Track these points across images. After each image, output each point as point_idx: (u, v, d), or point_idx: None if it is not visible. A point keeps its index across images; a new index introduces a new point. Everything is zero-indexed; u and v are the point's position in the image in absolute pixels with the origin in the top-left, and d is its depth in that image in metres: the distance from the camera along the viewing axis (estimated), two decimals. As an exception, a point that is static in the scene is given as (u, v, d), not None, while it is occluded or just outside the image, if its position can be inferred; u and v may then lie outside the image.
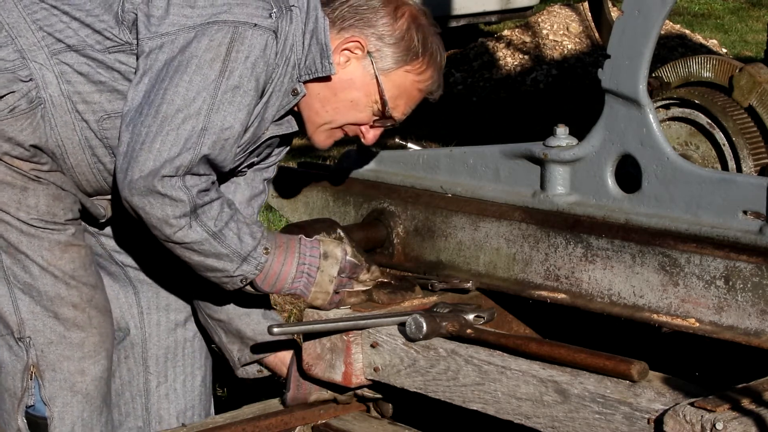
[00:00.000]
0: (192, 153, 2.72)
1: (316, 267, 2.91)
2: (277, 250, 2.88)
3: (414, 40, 2.93)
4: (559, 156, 2.97)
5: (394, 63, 2.93)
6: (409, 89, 2.97)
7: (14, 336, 2.92)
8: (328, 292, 2.92)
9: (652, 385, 2.48)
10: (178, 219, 2.74)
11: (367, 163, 3.42)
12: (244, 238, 2.83)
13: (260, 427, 2.99)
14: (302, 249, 2.91)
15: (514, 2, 12.01)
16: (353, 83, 2.94)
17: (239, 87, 2.75)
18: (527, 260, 3.00)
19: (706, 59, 3.46)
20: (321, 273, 2.91)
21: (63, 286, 2.92)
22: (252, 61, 2.76)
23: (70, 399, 2.97)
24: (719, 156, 3.34)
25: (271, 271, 2.88)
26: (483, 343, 2.73)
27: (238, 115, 2.76)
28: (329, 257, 2.92)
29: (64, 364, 2.95)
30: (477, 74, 10.85)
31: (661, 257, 2.75)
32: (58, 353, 2.94)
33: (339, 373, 2.88)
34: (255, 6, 2.79)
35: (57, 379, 2.95)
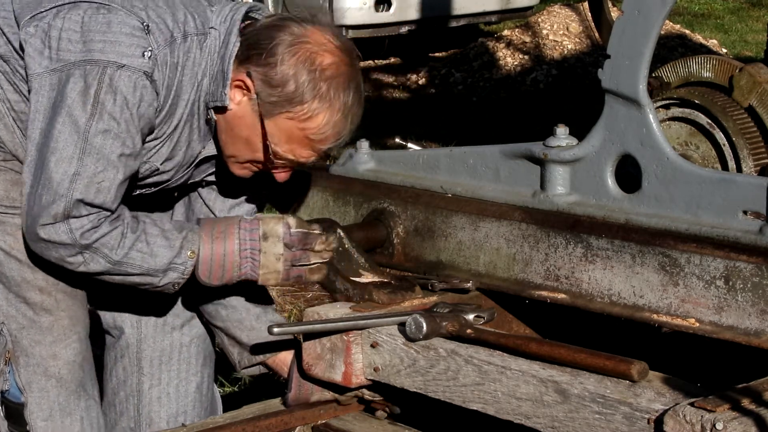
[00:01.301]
0: (65, 200, 2.71)
1: (258, 249, 2.86)
2: (214, 243, 2.85)
3: (298, 83, 2.75)
4: (559, 156, 2.97)
5: (276, 108, 2.78)
6: (296, 136, 2.81)
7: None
8: (278, 270, 2.87)
9: (652, 385, 2.48)
10: (74, 257, 2.77)
11: (367, 163, 3.42)
12: (159, 252, 2.82)
13: (260, 427, 2.98)
14: (242, 234, 2.87)
15: (514, 2, 12.01)
16: (244, 121, 2.84)
17: (109, 131, 2.72)
18: (527, 260, 3.00)
19: (706, 59, 3.46)
20: (264, 254, 2.86)
21: (27, 269, 2.92)
22: (120, 103, 2.71)
23: (45, 383, 2.98)
24: (719, 156, 3.35)
25: (213, 267, 2.86)
26: (483, 343, 2.73)
27: (111, 158, 2.73)
28: (269, 236, 2.86)
29: (36, 348, 2.96)
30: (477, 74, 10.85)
31: (661, 257, 2.75)
32: (30, 338, 2.95)
33: (339, 373, 2.88)
34: (128, 44, 2.73)
35: (31, 364, 2.97)
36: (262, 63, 2.78)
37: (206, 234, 2.87)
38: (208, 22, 2.84)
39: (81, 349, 3.02)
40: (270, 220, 2.89)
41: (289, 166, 2.90)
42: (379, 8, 11.27)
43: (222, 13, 2.86)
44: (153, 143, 2.87)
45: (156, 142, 2.87)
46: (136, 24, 2.74)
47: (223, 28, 2.83)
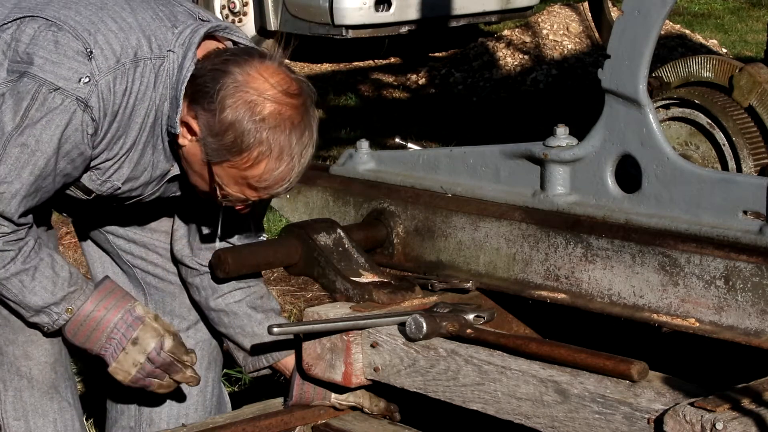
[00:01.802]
0: None
1: (122, 347, 2.91)
2: (95, 311, 2.89)
3: (237, 134, 2.71)
4: (559, 156, 2.97)
5: (218, 155, 2.75)
6: (241, 182, 2.78)
7: None
8: (129, 372, 2.92)
9: (652, 385, 2.48)
10: None
11: (367, 163, 3.42)
12: (39, 293, 2.84)
13: (260, 427, 2.98)
14: (119, 323, 2.91)
15: (514, 2, 12.01)
16: (196, 158, 2.81)
17: (27, 146, 2.72)
18: (527, 260, 3.00)
19: (706, 59, 3.46)
20: (125, 354, 2.91)
21: None
22: (44, 123, 2.71)
23: (18, 383, 3.00)
24: (719, 156, 3.35)
25: (81, 330, 2.90)
26: (483, 343, 2.73)
27: (21, 172, 2.73)
28: (138, 344, 2.91)
29: (9, 348, 2.98)
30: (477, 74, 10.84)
31: (661, 257, 2.75)
32: (4, 337, 2.97)
33: (339, 373, 2.88)
34: (68, 67, 2.72)
35: (5, 362, 2.99)
36: (205, 108, 2.74)
37: (94, 298, 2.90)
38: (166, 45, 2.79)
39: (53, 351, 3.03)
40: (150, 330, 2.92)
41: (241, 203, 2.87)
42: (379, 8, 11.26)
43: (182, 35, 2.81)
44: (108, 164, 2.86)
45: (110, 163, 2.86)
46: (79, 48, 2.72)
47: (180, 51, 2.79)
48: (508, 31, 11.63)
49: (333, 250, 3.13)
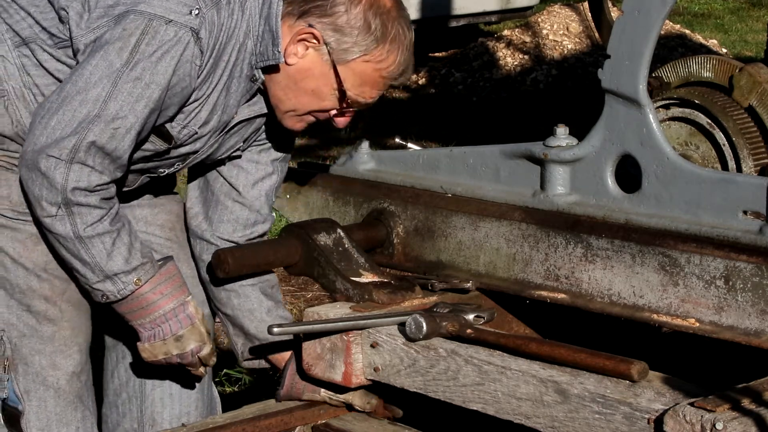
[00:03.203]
0: (77, 137, 2.71)
1: (163, 338, 2.92)
2: (153, 291, 2.89)
3: (371, 28, 2.84)
4: (559, 156, 2.97)
5: (352, 53, 2.85)
6: (371, 77, 2.89)
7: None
8: (155, 356, 2.95)
9: (652, 385, 2.48)
10: (50, 205, 2.75)
11: (367, 163, 3.42)
12: (116, 258, 2.83)
13: (260, 427, 2.98)
14: (169, 313, 2.92)
15: (514, 2, 12.01)
16: (312, 73, 2.89)
17: (140, 79, 2.74)
18: (527, 260, 3.00)
19: (706, 59, 3.46)
20: (162, 343, 2.93)
21: (34, 278, 2.92)
22: (159, 56, 2.74)
23: (43, 393, 2.98)
24: (719, 156, 3.35)
25: (131, 303, 2.89)
26: (483, 343, 2.73)
27: (135, 106, 2.74)
28: (180, 342, 2.94)
29: (35, 357, 2.96)
30: (477, 74, 10.85)
31: (661, 257, 2.75)
32: (30, 347, 2.95)
33: (339, 373, 2.88)
34: (177, 1, 2.77)
35: (30, 372, 2.97)
36: (327, 14, 2.84)
37: (155, 279, 2.90)
38: None
39: (81, 360, 3.03)
40: (196, 333, 2.95)
41: (355, 109, 2.96)
42: (379, 8, 11.24)
43: None
44: (193, 106, 2.88)
45: (195, 105, 2.88)
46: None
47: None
48: (508, 31, 11.63)
49: (333, 250, 3.13)
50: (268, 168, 3.16)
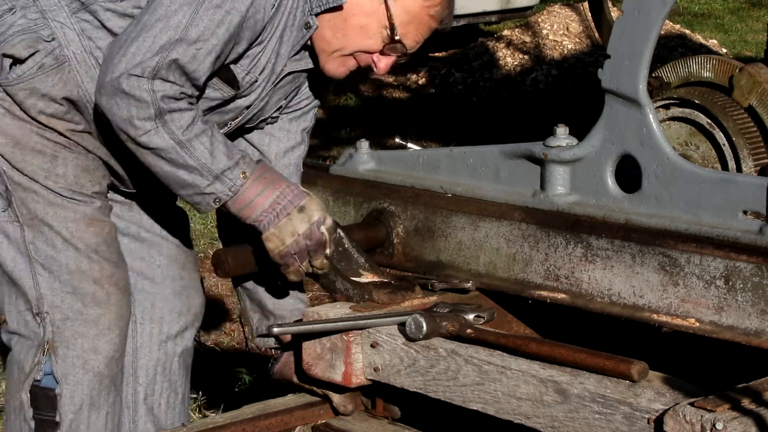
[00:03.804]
0: (160, 56, 2.73)
1: (287, 213, 2.87)
2: (260, 180, 2.87)
3: None
4: (559, 156, 2.97)
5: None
6: (419, 15, 2.93)
7: (32, 311, 2.94)
8: (284, 242, 2.88)
9: (652, 385, 2.48)
10: (143, 121, 2.75)
11: (367, 163, 3.42)
12: (218, 156, 2.82)
13: (260, 427, 2.98)
14: (285, 191, 2.88)
15: (514, 2, 12.01)
16: (363, 9, 2.92)
17: (221, 7, 2.77)
18: (527, 260, 3.00)
19: (706, 59, 3.46)
20: (288, 220, 2.87)
21: (85, 259, 2.93)
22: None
23: (82, 377, 2.98)
24: (719, 156, 3.35)
25: (243, 196, 2.86)
26: (483, 343, 2.73)
27: (217, 30, 2.77)
28: (304, 212, 2.89)
29: (78, 341, 2.96)
30: (477, 74, 10.85)
31: (661, 257, 2.75)
32: (73, 330, 2.96)
33: (339, 373, 2.88)
34: None
35: (69, 356, 2.96)
36: None
37: (260, 168, 2.89)
38: None
39: (120, 345, 3.04)
40: (316, 203, 2.92)
41: (397, 54, 2.98)
42: (379, 8, 11.24)
43: None
44: (256, 50, 2.91)
45: (258, 49, 2.91)
46: None
47: None
48: (508, 31, 11.63)
49: (333, 250, 3.13)
50: (297, 137, 3.20)
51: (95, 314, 2.97)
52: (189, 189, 2.83)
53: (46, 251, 2.92)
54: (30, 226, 2.91)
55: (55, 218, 2.91)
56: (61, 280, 2.93)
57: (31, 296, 2.94)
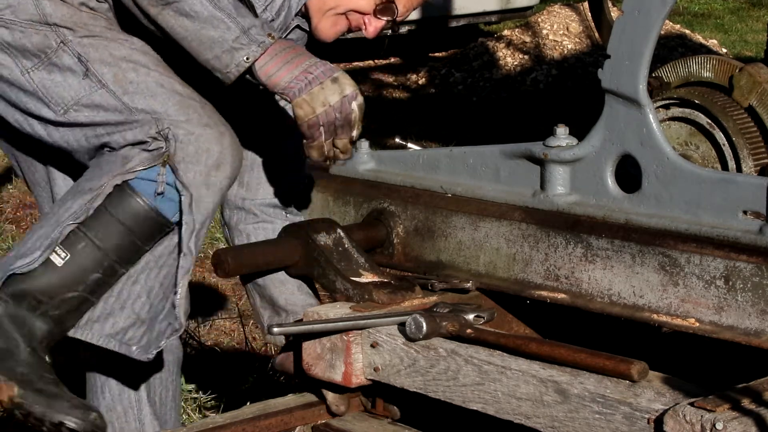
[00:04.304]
0: None
1: (320, 81, 2.80)
2: (288, 49, 2.81)
3: None
4: (559, 156, 2.97)
5: None
6: None
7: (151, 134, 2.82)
8: (314, 110, 2.79)
9: (652, 385, 2.49)
10: None
11: (367, 163, 3.42)
12: (243, 12, 2.77)
13: (260, 427, 2.98)
14: (317, 62, 2.82)
15: (514, 2, 12.00)
16: None
17: None
18: (527, 260, 3.00)
19: (706, 59, 3.46)
20: (321, 89, 2.80)
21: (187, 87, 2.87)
22: None
23: (205, 192, 2.85)
24: (719, 156, 3.35)
25: (272, 62, 2.79)
26: (483, 343, 2.73)
27: None
28: (337, 84, 2.81)
29: (203, 156, 2.84)
30: (477, 74, 10.85)
31: (661, 257, 2.75)
32: (197, 145, 2.83)
33: (339, 373, 2.88)
34: None
35: (191, 170, 2.83)
36: None
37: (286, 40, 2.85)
38: None
39: None
40: (348, 77, 2.85)
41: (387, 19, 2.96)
42: (379, 8, 11.23)
43: None
44: None
45: None
46: None
47: None
48: (508, 31, 11.63)
49: (333, 250, 3.13)
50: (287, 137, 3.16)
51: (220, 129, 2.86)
52: (216, 48, 2.74)
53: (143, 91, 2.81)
54: (115, 80, 2.81)
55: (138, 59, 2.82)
56: (172, 101, 2.81)
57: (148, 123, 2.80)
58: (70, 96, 2.82)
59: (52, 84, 2.83)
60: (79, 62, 2.81)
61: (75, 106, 2.82)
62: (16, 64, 2.83)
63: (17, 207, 6.66)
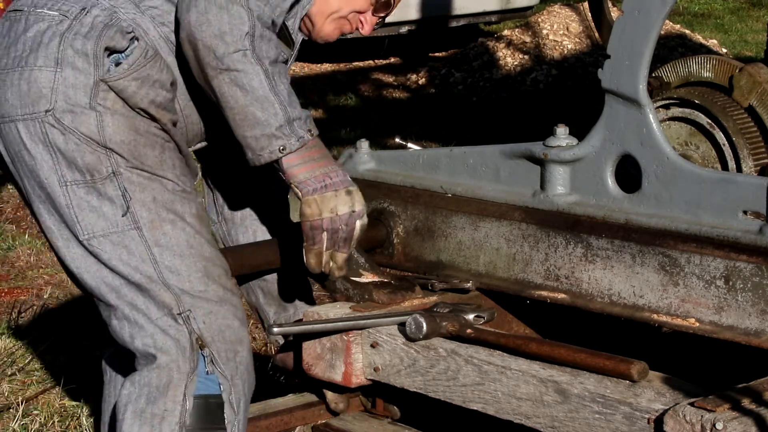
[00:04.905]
0: None
1: (335, 189, 2.78)
2: (318, 147, 2.79)
3: None
4: (559, 156, 2.97)
5: None
6: None
7: (171, 314, 2.76)
8: (321, 214, 2.78)
9: (652, 385, 2.49)
10: (235, 39, 2.65)
11: (367, 163, 3.42)
12: (294, 101, 2.74)
13: (260, 427, 2.99)
14: (337, 169, 2.80)
15: (514, 2, 12.00)
16: None
17: None
18: (527, 260, 3.00)
19: (706, 59, 3.46)
20: (334, 195, 2.78)
21: (209, 247, 2.83)
22: None
23: (235, 369, 2.82)
24: (719, 156, 3.35)
25: (300, 154, 2.76)
26: (483, 343, 2.73)
27: None
28: (350, 197, 2.80)
29: (226, 333, 2.80)
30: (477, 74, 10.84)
31: (661, 257, 2.75)
32: (219, 324, 2.80)
33: (339, 373, 2.88)
34: None
35: (222, 350, 2.80)
36: None
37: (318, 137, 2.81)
38: None
39: None
40: (361, 195, 2.83)
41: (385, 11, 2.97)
42: (379, 8, 11.23)
43: None
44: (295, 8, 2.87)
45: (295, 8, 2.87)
46: None
47: None
48: (508, 31, 11.62)
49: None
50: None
51: (236, 302, 2.83)
52: (257, 129, 2.71)
53: (173, 247, 2.76)
54: (151, 227, 2.75)
55: (177, 209, 2.78)
56: (196, 268, 2.77)
57: (166, 299, 2.76)
58: (100, 226, 2.74)
59: (87, 207, 2.73)
60: (123, 197, 2.74)
61: (102, 238, 2.74)
62: (56, 170, 2.73)
63: (17, 207, 6.66)
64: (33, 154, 2.73)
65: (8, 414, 4.00)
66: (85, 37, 2.72)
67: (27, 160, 2.75)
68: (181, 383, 2.75)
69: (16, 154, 2.77)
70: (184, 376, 2.75)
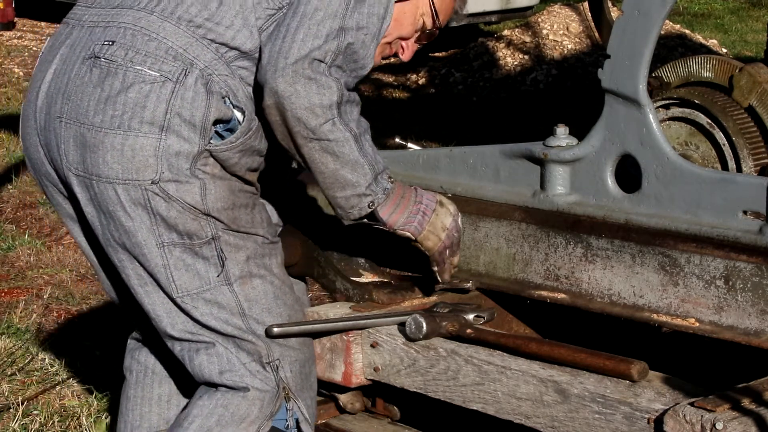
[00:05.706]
0: (337, 41, 2.66)
1: (432, 209, 2.88)
2: (395, 185, 2.84)
3: None
4: (559, 156, 2.98)
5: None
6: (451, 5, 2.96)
7: (261, 362, 2.80)
8: (440, 237, 2.89)
9: (652, 385, 2.49)
10: (325, 110, 2.65)
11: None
12: (377, 156, 2.78)
13: (261, 427, 2.98)
14: (416, 191, 2.89)
15: (514, 2, 12.00)
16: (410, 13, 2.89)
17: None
18: (527, 260, 3.00)
19: (706, 59, 3.46)
20: (436, 216, 2.88)
21: (292, 295, 2.89)
22: None
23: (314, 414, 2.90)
24: (719, 156, 3.35)
25: (390, 201, 2.82)
26: (483, 343, 2.73)
27: (370, 19, 2.71)
28: (444, 207, 2.90)
29: (311, 380, 2.89)
30: (477, 74, 10.84)
31: (661, 257, 2.75)
32: (306, 371, 2.87)
33: (339, 373, 2.88)
34: None
35: (308, 397, 2.87)
36: None
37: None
38: None
39: None
40: (445, 196, 2.95)
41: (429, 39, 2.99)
42: (379, 8, 11.22)
43: None
44: None
45: None
46: None
47: None
48: (508, 31, 11.63)
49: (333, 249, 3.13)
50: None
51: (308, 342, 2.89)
52: (348, 190, 2.75)
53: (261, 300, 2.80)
54: (242, 283, 2.77)
55: (266, 263, 2.82)
56: (282, 319, 2.82)
57: (256, 348, 2.79)
58: (195, 285, 2.75)
59: (183, 267, 2.73)
60: (218, 258, 2.75)
61: (195, 296, 2.75)
62: (154, 232, 2.72)
63: (17, 207, 6.65)
64: (132, 216, 2.70)
65: (8, 414, 3.99)
66: (192, 106, 2.67)
67: (123, 220, 2.71)
68: (257, 422, 2.80)
69: (109, 212, 2.73)
70: (264, 417, 2.80)
